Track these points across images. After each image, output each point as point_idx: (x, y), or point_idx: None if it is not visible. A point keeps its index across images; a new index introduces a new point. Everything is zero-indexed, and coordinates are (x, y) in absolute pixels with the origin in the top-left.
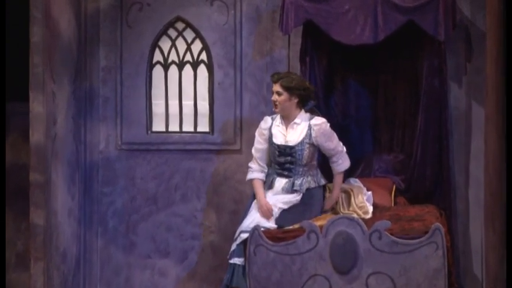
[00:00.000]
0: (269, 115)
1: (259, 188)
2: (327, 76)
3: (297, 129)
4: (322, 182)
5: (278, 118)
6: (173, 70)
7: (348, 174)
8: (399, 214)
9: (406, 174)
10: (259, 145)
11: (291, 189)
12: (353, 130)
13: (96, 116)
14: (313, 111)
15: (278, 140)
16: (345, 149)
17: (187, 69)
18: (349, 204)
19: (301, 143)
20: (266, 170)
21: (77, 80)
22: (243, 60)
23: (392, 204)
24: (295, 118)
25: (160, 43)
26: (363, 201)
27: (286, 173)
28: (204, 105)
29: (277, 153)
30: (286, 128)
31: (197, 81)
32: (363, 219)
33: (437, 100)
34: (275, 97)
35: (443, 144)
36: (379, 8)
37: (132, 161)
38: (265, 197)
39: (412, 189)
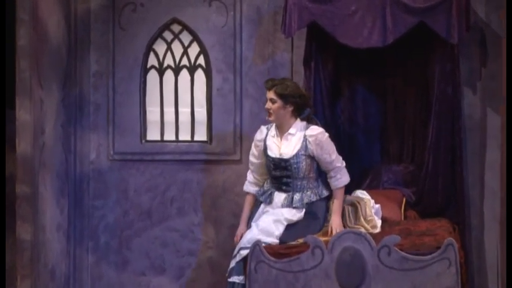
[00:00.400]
0: (270, 123)
1: (246, 206)
2: (332, 81)
3: (292, 140)
4: (325, 193)
5: (273, 128)
6: (169, 75)
7: (355, 186)
8: (409, 228)
9: (417, 186)
10: (253, 158)
11: (291, 205)
12: (360, 139)
13: (86, 124)
14: (311, 120)
15: (272, 152)
16: (344, 163)
17: (184, 74)
18: (356, 217)
19: (297, 155)
20: (262, 183)
21: (66, 86)
22: (243, 65)
23: (402, 218)
24: (290, 128)
25: (155, 46)
26: (371, 214)
27: (284, 187)
28: (201, 113)
29: (272, 166)
30: (281, 139)
31: (194, 87)
32: (371, 233)
33: (450, 107)
34: (269, 105)
35: (457, 154)
36: (388, 9)
37: (125, 172)
38: (249, 219)
39: (423, 202)
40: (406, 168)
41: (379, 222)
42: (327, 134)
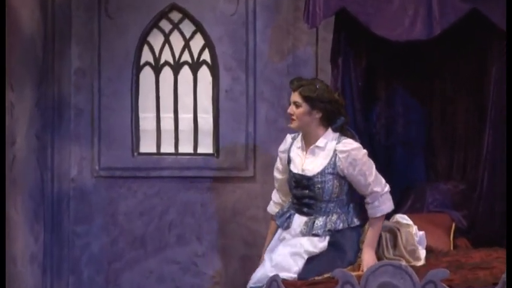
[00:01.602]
0: (292, 132)
1: (269, 232)
2: (366, 82)
3: (319, 155)
4: (355, 222)
5: (300, 139)
6: (167, 74)
7: (394, 209)
8: (460, 260)
9: (469, 208)
10: (277, 173)
11: (311, 232)
12: (400, 152)
13: (66, 133)
14: (345, 132)
15: (295, 167)
16: (386, 187)
17: (185, 72)
18: (395, 247)
19: (322, 173)
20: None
21: (42, 87)
22: (257, 61)
23: (452, 248)
24: (317, 139)
25: (150, 39)
26: (413, 243)
27: (305, 209)
28: (206, 120)
29: (293, 184)
30: (306, 153)
31: (198, 88)
32: (413, 266)
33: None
34: (292, 109)
35: None
36: None
37: (114, 192)
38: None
39: (476, 228)
40: (455, 187)
41: (423, 253)
42: (364, 151)
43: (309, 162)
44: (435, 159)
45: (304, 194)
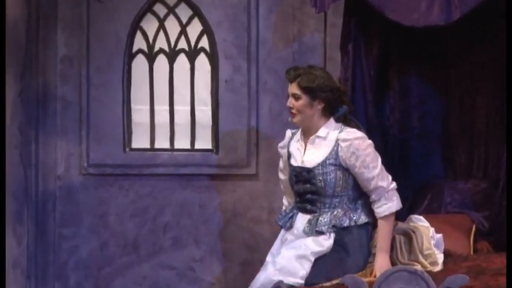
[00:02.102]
0: (293, 127)
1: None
2: (378, 71)
3: (320, 145)
4: (363, 219)
5: (300, 131)
6: (161, 62)
7: (408, 209)
8: (481, 265)
9: (491, 209)
10: (280, 173)
11: (314, 230)
12: (415, 147)
13: (52, 128)
14: (349, 122)
15: (295, 160)
16: (393, 184)
17: (182, 61)
18: (410, 251)
19: (323, 164)
20: None
21: (25, 77)
22: (259, 49)
23: (471, 252)
24: (318, 130)
25: (144, 24)
26: (430, 247)
27: (308, 206)
28: (205, 112)
29: (294, 178)
30: (306, 144)
31: (195, 79)
32: (430, 272)
33: None
34: (291, 102)
35: None
36: None
37: (104, 191)
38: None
39: (498, 231)
40: (476, 185)
41: (440, 257)
42: (368, 141)
43: (309, 154)
44: (454, 155)
45: (305, 188)
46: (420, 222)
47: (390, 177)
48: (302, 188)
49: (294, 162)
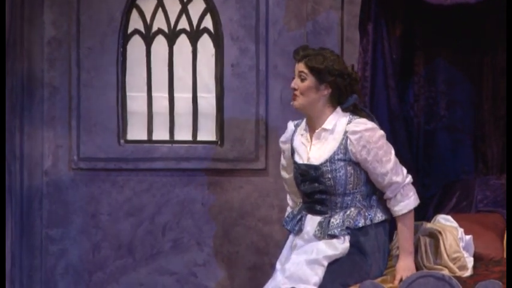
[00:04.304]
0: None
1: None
2: (401, 54)
3: (327, 139)
4: (379, 217)
5: (304, 123)
6: (160, 44)
7: (434, 208)
8: None
9: None
10: (283, 171)
11: (326, 233)
12: (443, 139)
13: (38, 117)
14: (358, 112)
15: (300, 157)
16: (408, 178)
17: (182, 42)
18: (436, 254)
19: (331, 160)
20: None
21: (8, 61)
22: (269, 29)
23: (505, 255)
24: (324, 121)
25: (140, 1)
26: (459, 249)
27: (318, 207)
28: (208, 100)
29: (299, 177)
30: (312, 139)
31: (198, 62)
32: (459, 277)
33: None
34: (296, 82)
35: None
36: None
37: (96, 188)
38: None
39: None
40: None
41: (470, 261)
42: (380, 132)
43: (315, 149)
44: (485, 148)
45: (313, 188)
46: (448, 223)
47: (405, 170)
48: (309, 187)
49: (299, 160)
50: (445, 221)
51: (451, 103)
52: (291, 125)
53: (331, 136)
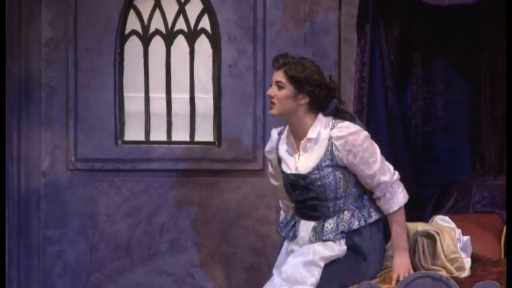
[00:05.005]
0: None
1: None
2: (399, 55)
3: (313, 148)
4: (374, 216)
5: (286, 131)
6: (157, 45)
7: (432, 208)
8: None
9: None
10: (272, 179)
11: (321, 238)
12: (441, 139)
13: (35, 117)
14: (341, 114)
15: (288, 167)
16: (396, 175)
17: (180, 43)
18: (434, 254)
19: (318, 167)
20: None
21: (6, 61)
22: (267, 30)
23: (503, 256)
24: (307, 130)
25: (138, 2)
26: (456, 250)
27: (311, 212)
28: (206, 101)
29: (289, 187)
30: (298, 149)
31: (195, 63)
32: (456, 278)
33: None
34: (273, 91)
35: None
36: None
37: (93, 189)
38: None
39: None
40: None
41: (467, 262)
42: (364, 134)
43: (303, 159)
44: (483, 148)
45: (305, 195)
46: (445, 223)
47: (391, 168)
48: (300, 195)
49: (287, 169)
50: (442, 222)
51: (448, 104)
52: (274, 134)
53: (317, 145)
